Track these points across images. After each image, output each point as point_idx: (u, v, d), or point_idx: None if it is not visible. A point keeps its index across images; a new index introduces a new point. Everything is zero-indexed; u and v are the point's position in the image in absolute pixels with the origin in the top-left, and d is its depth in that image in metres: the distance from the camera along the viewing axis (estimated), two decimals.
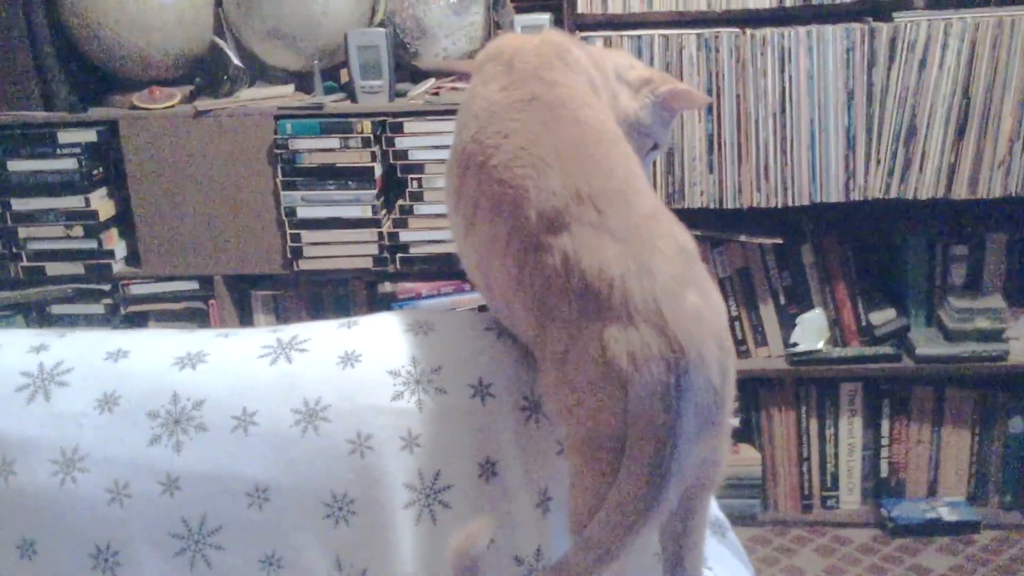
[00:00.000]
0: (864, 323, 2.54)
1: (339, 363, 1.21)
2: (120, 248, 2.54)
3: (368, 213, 2.42)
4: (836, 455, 2.62)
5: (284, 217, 2.44)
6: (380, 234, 2.44)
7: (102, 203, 2.49)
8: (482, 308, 1.52)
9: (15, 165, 2.44)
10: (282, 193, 2.42)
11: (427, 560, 1.16)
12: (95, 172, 2.47)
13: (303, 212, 2.44)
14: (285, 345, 1.23)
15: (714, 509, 1.36)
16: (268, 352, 1.23)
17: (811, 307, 2.55)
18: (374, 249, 2.45)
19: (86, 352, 1.23)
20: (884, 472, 2.63)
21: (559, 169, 1.07)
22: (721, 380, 1.00)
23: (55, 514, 1.16)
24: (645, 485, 0.96)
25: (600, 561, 0.97)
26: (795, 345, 2.52)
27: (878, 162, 2.35)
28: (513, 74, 1.20)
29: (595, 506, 0.99)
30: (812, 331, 2.53)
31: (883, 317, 2.54)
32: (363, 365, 1.21)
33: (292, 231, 2.45)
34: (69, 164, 2.44)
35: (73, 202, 2.46)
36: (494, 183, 1.11)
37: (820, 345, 2.52)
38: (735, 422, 2.51)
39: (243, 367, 1.21)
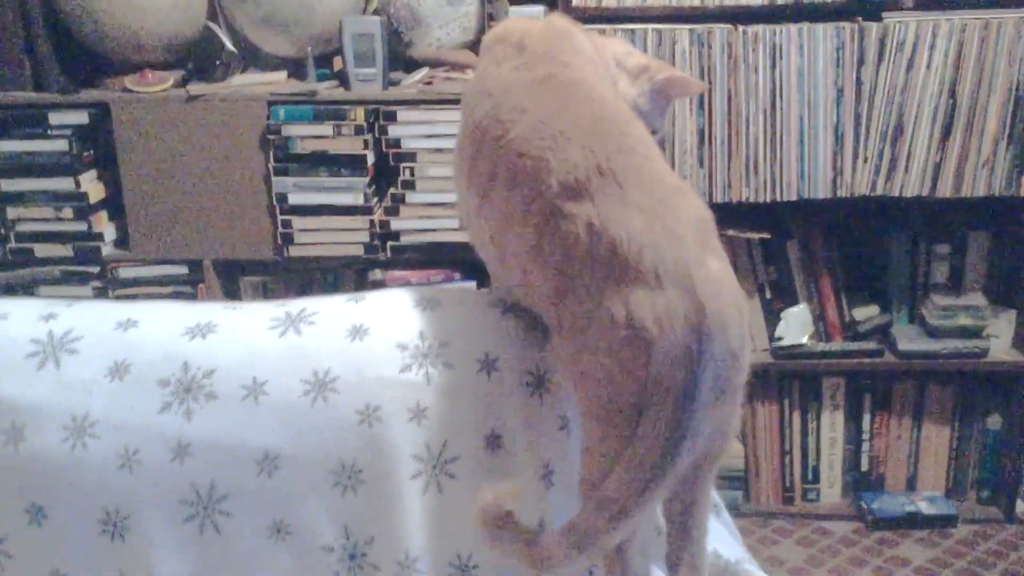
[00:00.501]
0: (848, 319, 2.58)
1: (347, 336, 1.23)
2: (109, 231, 2.53)
3: (360, 201, 2.43)
4: (818, 448, 2.66)
5: (275, 203, 2.44)
6: (371, 222, 2.44)
7: (92, 185, 2.48)
8: None
9: (5, 145, 2.43)
10: (274, 179, 2.43)
11: (434, 529, 1.17)
12: (86, 154, 2.46)
13: (294, 198, 2.44)
14: (294, 318, 1.25)
15: None
16: (277, 324, 1.24)
17: (796, 302, 2.58)
18: (365, 237, 2.46)
19: (95, 321, 1.24)
20: (864, 466, 2.67)
21: (579, 142, 1.09)
22: (739, 347, 1.03)
23: (65, 479, 1.16)
24: (661, 446, 0.98)
25: (613, 520, 0.99)
26: (779, 339, 2.56)
27: (865, 160, 2.39)
28: (525, 55, 1.23)
29: (609, 471, 1.01)
30: (796, 325, 2.56)
31: (866, 313, 2.58)
32: (371, 338, 1.23)
33: (283, 217, 2.45)
34: (60, 146, 2.43)
35: (63, 184, 2.45)
36: (512, 155, 1.13)
37: (804, 339, 2.56)
38: None
39: (253, 338, 1.22)
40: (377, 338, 1.23)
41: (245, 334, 1.23)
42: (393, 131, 2.41)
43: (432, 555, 1.17)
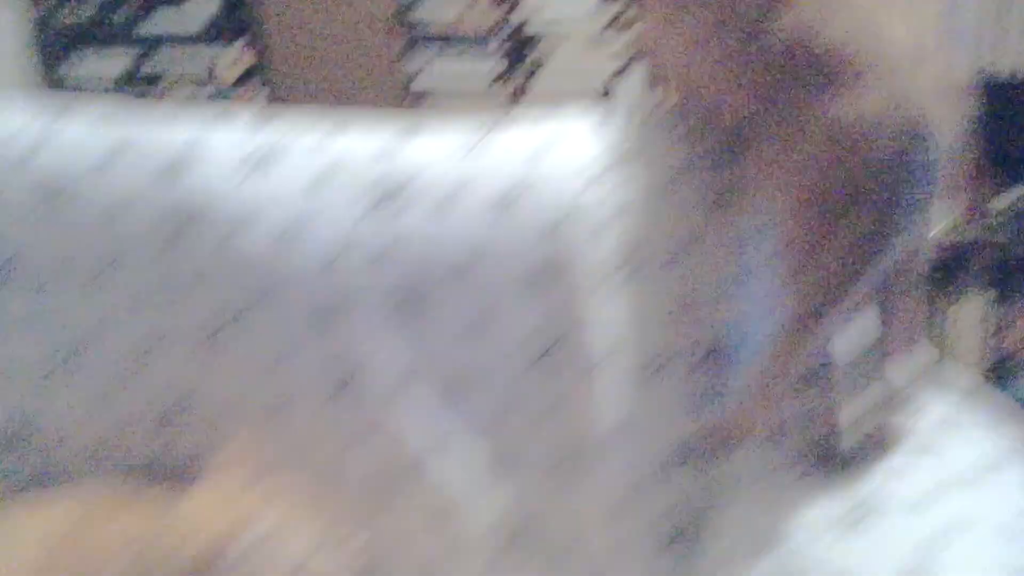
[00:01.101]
0: (990, 205, 2.52)
1: (534, 153, 1.26)
2: (249, 108, 2.58)
3: (489, 81, 2.42)
4: (954, 334, 2.61)
5: (406, 85, 2.45)
6: (502, 102, 2.44)
7: (232, 63, 2.52)
8: None
9: (145, 27, 2.48)
10: (404, 59, 2.43)
11: (621, 331, 1.21)
12: (226, 30, 2.49)
13: (423, 81, 2.45)
14: (482, 136, 1.29)
15: None
16: (467, 141, 1.29)
17: None
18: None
19: (302, 131, 1.30)
20: (1004, 352, 2.61)
21: None
22: (943, 155, 1.03)
23: (271, 282, 1.23)
24: (861, 251, 1.00)
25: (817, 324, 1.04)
26: None
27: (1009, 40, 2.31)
28: None
29: (805, 271, 1.04)
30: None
31: (1009, 198, 2.52)
32: (557, 155, 1.26)
33: (412, 101, 2.46)
34: (201, 18, 2.46)
35: (205, 58, 2.49)
36: None
37: (941, 227, 2.51)
38: None
39: (446, 152, 1.28)
40: (562, 155, 1.26)
41: (439, 148, 1.28)
42: (526, 7, 2.38)
43: (620, 355, 1.21)
